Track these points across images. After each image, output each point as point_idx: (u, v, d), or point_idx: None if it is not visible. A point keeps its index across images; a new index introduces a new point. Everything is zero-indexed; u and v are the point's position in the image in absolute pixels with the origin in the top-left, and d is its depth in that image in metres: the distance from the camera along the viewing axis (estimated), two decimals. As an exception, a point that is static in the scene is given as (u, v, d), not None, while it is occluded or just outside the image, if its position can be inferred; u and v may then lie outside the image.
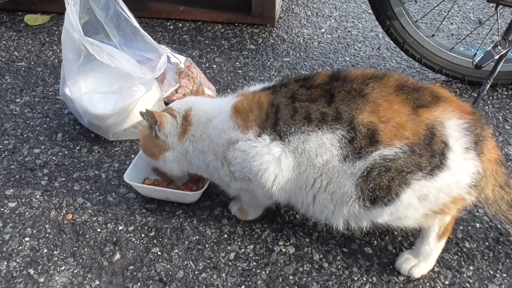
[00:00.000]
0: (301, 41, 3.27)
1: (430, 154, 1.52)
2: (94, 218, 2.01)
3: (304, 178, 1.64)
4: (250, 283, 1.77)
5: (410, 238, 1.91)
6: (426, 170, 1.53)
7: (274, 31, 3.38)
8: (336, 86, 1.64)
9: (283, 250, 1.87)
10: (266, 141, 1.64)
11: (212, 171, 1.84)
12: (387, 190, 1.55)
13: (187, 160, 1.88)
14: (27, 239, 1.93)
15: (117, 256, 1.86)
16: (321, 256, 1.85)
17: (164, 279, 1.79)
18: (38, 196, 2.12)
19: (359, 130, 1.55)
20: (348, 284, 1.77)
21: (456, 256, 1.85)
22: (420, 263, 1.76)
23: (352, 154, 1.56)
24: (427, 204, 1.58)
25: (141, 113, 1.87)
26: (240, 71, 2.97)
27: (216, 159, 1.79)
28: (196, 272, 1.81)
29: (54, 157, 2.32)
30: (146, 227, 1.97)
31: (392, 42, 2.83)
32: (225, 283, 1.77)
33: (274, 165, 1.64)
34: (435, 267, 1.80)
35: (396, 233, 1.93)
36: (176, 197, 2.05)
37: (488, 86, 2.40)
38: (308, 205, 1.72)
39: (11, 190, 2.15)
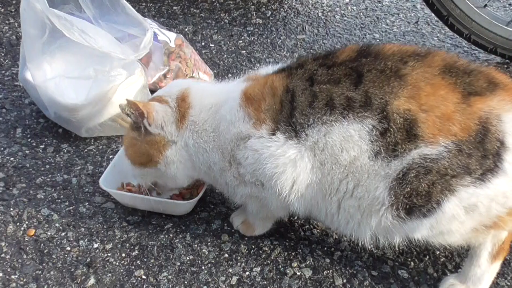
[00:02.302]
0: (320, 14, 3.28)
1: (482, 155, 1.52)
2: (63, 234, 2.02)
3: (329, 180, 1.65)
4: (256, 314, 1.79)
5: (456, 259, 1.92)
6: (476, 174, 1.52)
7: (286, 2, 3.39)
8: (365, 64, 1.64)
9: (298, 273, 1.88)
10: (280, 140, 1.65)
11: (215, 173, 1.85)
12: (426, 197, 1.55)
13: (189, 158, 1.87)
14: (-21, 259, 1.95)
15: (92, 280, 1.86)
16: (345, 280, 1.86)
17: (150, 309, 1.80)
18: (-7, 206, 2.13)
19: (394, 119, 1.54)
20: (379, 316, 1.78)
21: (514, 282, 1.86)
22: (468, 290, 1.77)
23: (385, 150, 1.56)
24: (476, 216, 1.58)
25: (121, 106, 1.85)
26: (244, 51, 2.98)
27: (223, 158, 1.79)
28: (189, 301, 1.83)
29: (12, 158, 2.34)
30: (127, 245, 1.98)
31: (433, 14, 2.84)
32: (225, 314, 1.79)
33: (291, 168, 1.65)
34: (488, 295, 1.81)
35: (438, 252, 1.93)
36: (164, 207, 2.06)
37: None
38: (333, 216, 1.72)
39: (-40, 198, 2.17)
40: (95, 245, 1.97)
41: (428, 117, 1.52)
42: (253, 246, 1.96)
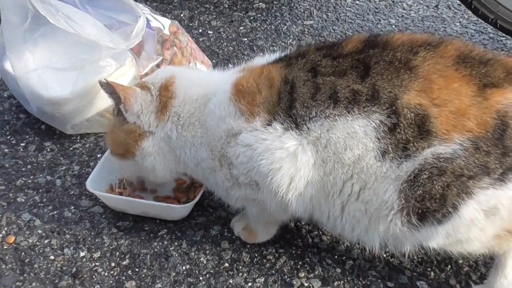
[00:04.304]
0: (330, -3, 3.29)
1: (501, 152, 1.52)
2: (46, 241, 2.02)
3: (331, 180, 1.65)
4: (260, 329, 1.80)
5: (481, 269, 1.91)
6: (496, 174, 1.53)
7: (292, -16, 3.39)
8: (372, 55, 1.65)
9: (306, 284, 1.88)
10: (277, 131, 1.65)
11: (204, 171, 1.85)
12: (440, 200, 1.55)
13: (172, 151, 1.88)
14: (-46, 269, 1.95)
15: (78, 292, 1.88)
16: (358, 292, 1.88)
17: (143, 324, 1.81)
18: (-32, 211, 2.13)
19: (404, 114, 1.55)
20: (395, 332, 1.79)
21: (544, 294, 1.86)
22: (494, 303, 1.77)
23: (394, 149, 1.56)
24: (497, 221, 1.58)
25: (101, 83, 1.85)
26: (246, 38, 2.98)
27: (212, 157, 1.79)
28: (186, 315, 1.84)
29: (-10, 157, 2.35)
30: (117, 253, 1.98)
31: (455, -2, 2.84)
32: (225, 330, 1.80)
33: (289, 163, 1.65)
34: (515, 308, 1.81)
35: (460, 261, 1.93)
36: (158, 211, 2.06)
37: None
38: (336, 220, 1.73)
39: None
40: (82, 254, 1.97)
41: (441, 112, 1.53)
42: (256, 255, 1.97)
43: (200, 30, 3.04)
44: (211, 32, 3.03)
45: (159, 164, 1.90)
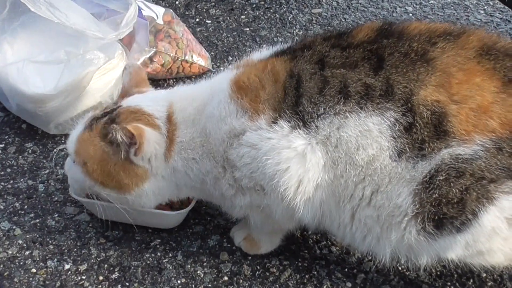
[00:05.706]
0: (340, -18, 3.28)
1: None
2: (27, 253, 2.01)
3: (342, 184, 1.65)
4: None
5: (507, 284, 1.91)
6: (520, 178, 1.53)
7: (298, -32, 3.39)
8: (386, 46, 1.64)
9: (313, 300, 1.89)
10: (284, 130, 1.64)
11: (209, 186, 1.84)
12: (459, 206, 1.55)
13: (172, 183, 1.87)
14: None
15: (62, 309, 1.88)
16: (370, 309, 1.87)
17: None
18: None
19: (420, 113, 1.55)
20: None
21: None
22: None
23: (410, 149, 1.56)
24: (523, 231, 1.59)
25: (114, 128, 1.74)
26: (248, 28, 2.98)
27: (215, 164, 1.78)
28: (181, 334, 1.83)
29: (-34, 160, 2.35)
30: (106, 266, 1.97)
31: (479, -17, 2.84)
32: None
33: (297, 164, 1.65)
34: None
35: (484, 275, 1.93)
36: (149, 218, 2.05)
37: None
38: (345, 228, 1.72)
39: None
40: (67, 266, 1.97)
41: (460, 110, 1.53)
42: (258, 267, 1.96)
43: (197, 19, 3.04)
44: (209, 21, 3.03)
45: (151, 200, 1.89)
